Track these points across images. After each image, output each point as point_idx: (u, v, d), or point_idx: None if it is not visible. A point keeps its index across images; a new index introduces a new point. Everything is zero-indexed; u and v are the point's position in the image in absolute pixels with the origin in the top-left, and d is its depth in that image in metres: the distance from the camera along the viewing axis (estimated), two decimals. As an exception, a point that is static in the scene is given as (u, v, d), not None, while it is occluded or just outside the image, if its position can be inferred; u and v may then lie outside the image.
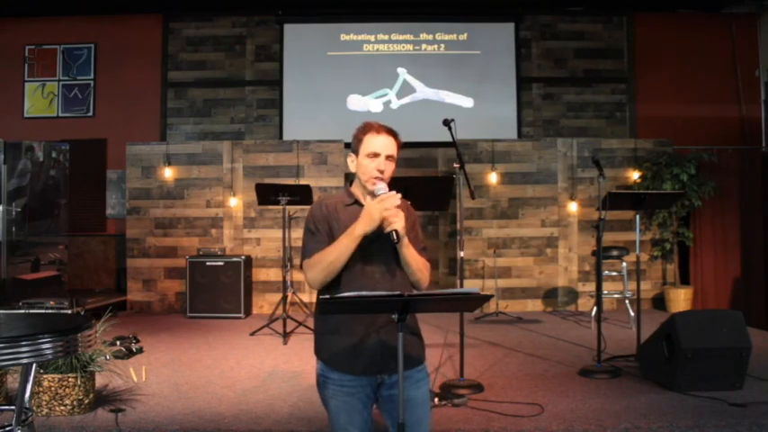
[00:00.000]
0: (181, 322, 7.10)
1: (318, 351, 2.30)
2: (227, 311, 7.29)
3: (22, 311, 4.72)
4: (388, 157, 2.27)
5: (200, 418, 3.77)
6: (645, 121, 8.86)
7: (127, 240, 7.98)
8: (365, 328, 2.19)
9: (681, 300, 7.46)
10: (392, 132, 2.31)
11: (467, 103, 8.96)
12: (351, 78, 8.97)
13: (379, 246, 2.23)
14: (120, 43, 9.06)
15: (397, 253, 2.24)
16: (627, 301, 6.78)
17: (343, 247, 2.18)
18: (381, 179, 2.26)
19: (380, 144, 2.26)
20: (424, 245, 2.37)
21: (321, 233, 2.25)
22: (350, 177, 2.41)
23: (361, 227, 2.16)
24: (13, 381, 3.98)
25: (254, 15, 9.08)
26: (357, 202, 2.31)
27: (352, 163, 2.33)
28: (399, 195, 2.21)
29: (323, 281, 2.21)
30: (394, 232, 2.16)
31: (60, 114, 9.07)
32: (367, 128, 2.30)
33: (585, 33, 9.09)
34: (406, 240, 2.22)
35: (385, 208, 2.15)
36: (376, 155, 2.26)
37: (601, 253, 5.07)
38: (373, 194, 2.25)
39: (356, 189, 2.34)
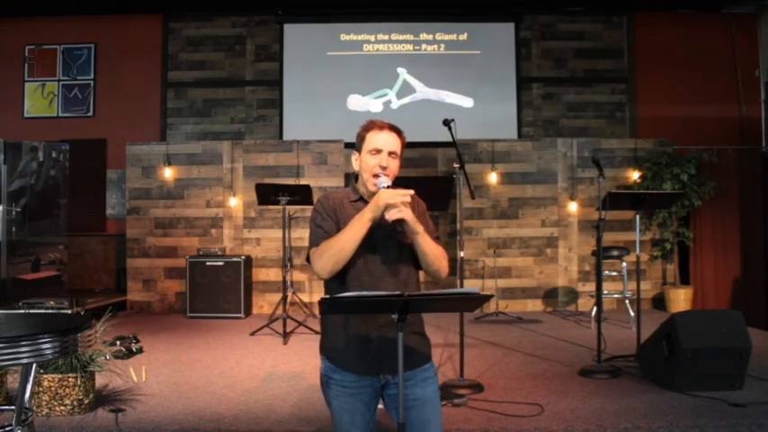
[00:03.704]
0: (181, 322, 7.10)
1: (323, 349, 2.29)
2: (227, 311, 7.29)
3: (22, 311, 4.72)
4: (391, 154, 2.24)
5: (200, 418, 3.76)
6: (645, 121, 8.86)
7: (127, 240, 7.98)
8: (367, 326, 2.18)
9: (681, 300, 7.46)
10: (396, 129, 2.29)
11: (467, 103, 8.95)
12: (351, 78, 8.96)
13: (383, 243, 2.22)
14: (120, 43, 9.05)
15: (402, 250, 2.22)
16: (627, 301, 6.78)
17: (353, 231, 2.12)
18: (384, 175, 2.22)
19: (383, 141, 2.24)
20: (438, 234, 2.33)
21: (329, 223, 2.22)
22: (354, 176, 2.40)
23: (370, 211, 2.13)
24: (13, 381, 3.98)
25: (254, 15, 9.08)
26: (362, 199, 2.28)
27: (355, 161, 2.31)
28: (412, 192, 2.17)
29: (331, 270, 2.15)
30: (402, 222, 2.13)
31: (60, 114, 9.07)
32: (370, 125, 2.29)
33: (585, 33, 9.09)
34: (421, 229, 2.18)
35: (398, 193, 2.10)
36: (378, 151, 2.23)
37: (601, 253, 5.07)
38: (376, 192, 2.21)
39: (361, 187, 2.32)
